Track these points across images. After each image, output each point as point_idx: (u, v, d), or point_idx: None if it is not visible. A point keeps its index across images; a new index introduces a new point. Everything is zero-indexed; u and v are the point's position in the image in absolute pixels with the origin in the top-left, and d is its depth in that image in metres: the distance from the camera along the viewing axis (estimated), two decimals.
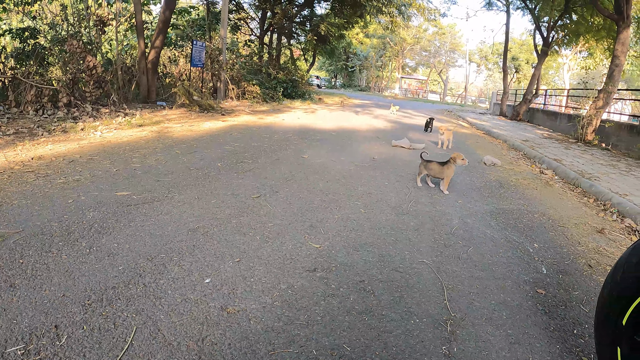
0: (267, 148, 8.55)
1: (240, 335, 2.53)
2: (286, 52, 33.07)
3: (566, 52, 39.77)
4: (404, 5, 28.34)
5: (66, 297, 2.70)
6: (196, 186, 5.48)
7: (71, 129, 8.53)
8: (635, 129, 13.21)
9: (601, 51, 25.25)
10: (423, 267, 3.77)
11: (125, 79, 14.45)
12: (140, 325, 2.52)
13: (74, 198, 4.59)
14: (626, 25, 14.43)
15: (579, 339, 2.94)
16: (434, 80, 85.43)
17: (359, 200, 5.61)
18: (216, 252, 3.59)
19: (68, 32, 12.65)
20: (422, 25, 64.62)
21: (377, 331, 2.71)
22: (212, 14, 25.10)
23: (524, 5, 26.07)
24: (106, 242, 3.59)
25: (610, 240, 5.22)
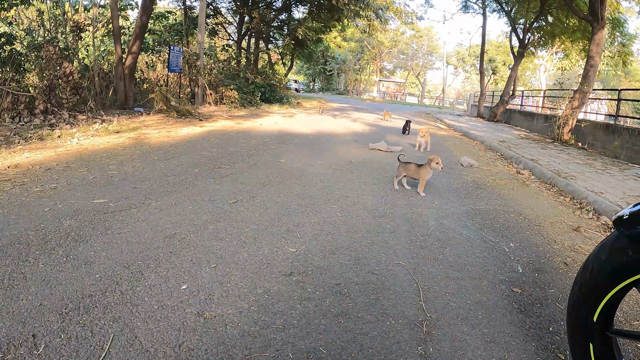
0: (245, 153, 8.57)
1: (217, 340, 2.55)
2: (264, 56, 33.02)
3: (542, 54, 40.18)
4: (382, 9, 28.46)
5: (43, 306, 2.72)
6: (173, 192, 5.49)
7: (48, 136, 8.48)
8: (611, 128, 13.41)
9: (576, 52, 25.58)
10: (399, 269, 3.82)
11: (102, 85, 14.36)
12: (117, 332, 2.53)
13: (51, 206, 4.59)
14: (601, 26, 14.66)
15: (554, 336, 3.00)
16: (411, 83, 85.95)
17: (336, 203, 5.66)
18: (193, 258, 3.61)
19: (44, 38, 12.55)
20: (399, 28, 64.93)
21: (353, 333, 2.75)
22: (190, 18, 25.02)
23: (500, 7, 26.35)
24: (83, 250, 3.60)
25: (586, 238, 5.32)
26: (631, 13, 25.00)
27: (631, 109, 33.74)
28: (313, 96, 46.19)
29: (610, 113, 23.00)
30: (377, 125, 17.54)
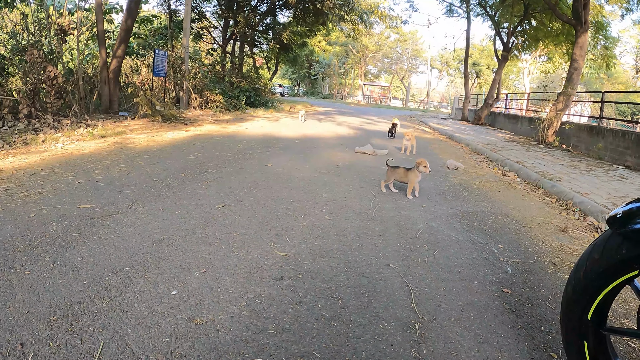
0: (231, 157, 8.54)
1: (209, 346, 2.53)
2: (249, 60, 33.03)
3: (526, 57, 40.49)
4: (366, 13, 28.52)
5: (31, 314, 2.68)
6: (160, 197, 5.45)
7: (32, 140, 8.41)
8: (595, 129, 13.54)
9: (560, 55, 25.83)
10: (389, 272, 3.81)
11: (87, 89, 14.27)
12: (107, 340, 2.50)
13: (36, 212, 4.54)
14: (584, 30, 14.80)
15: (546, 336, 3.01)
16: (396, 87, 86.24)
17: (324, 207, 5.65)
18: (182, 264, 3.58)
19: (28, 41, 12.44)
20: (384, 32, 65.16)
21: (346, 337, 2.74)
22: (175, 22, 24.92)
23: (484, 12, 26.52)
24: (70, 256, 3.56)
25: (573, 238, 5.35)
26: (614, 17, 25.32)
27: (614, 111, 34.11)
28: (298, 100, 46.24)
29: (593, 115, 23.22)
30: (362, 129, 17.57)
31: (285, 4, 27.97)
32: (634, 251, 1.95)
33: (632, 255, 1.95)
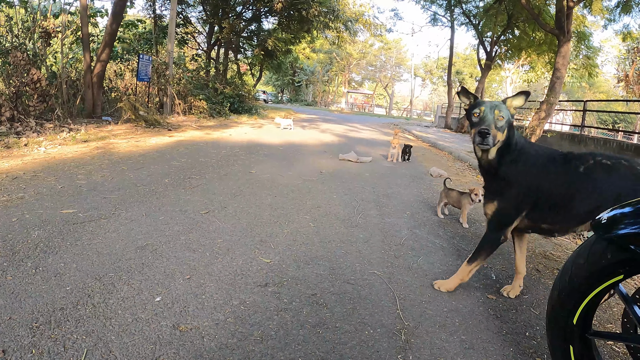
0: (215, 163, 8.52)
1: (194, 353, 2.51)
2: (233, 66, 32.96)
3: (509, 66, 40.81)
4: (351, 21, 28.61)
5: (13, 320, 2.64)
6: (144, 203, 5.42)
7: (14, 144, 8.32)
8: (577, 138, 13.72)
9: (542, 65, 26.09)
10: (374, 278, 3.82)
11: (70, 93, 14.14)
12: (91, 347, 2.47)
13: (18, 216, 4.49)
14: (567, 39, 14.95)
15: (531, 341, 3.04)
16: (379, 95, 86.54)
17: (308, 214, 5.65)
18: (166, 270, 3.56)
19: (12, 43, 12.33)
20: (368, 40, 65.29)
21: (331, 343, 2.74)
22: (160, 27, 24.81)
23: (468, 21, 26.76)
24: (52, 261, 3.52)
25: (556, 244, 5.41)
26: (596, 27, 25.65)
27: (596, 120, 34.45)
28: (282, 107, 46.21)
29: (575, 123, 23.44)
30: (346, 136, 17.61)
31: (270, 11, 27.99)
32: (619, 256, 1.97)
33: (617, 260, 1.98)
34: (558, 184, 3.41)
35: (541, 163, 3.48)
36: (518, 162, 3.46)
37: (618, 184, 3.33)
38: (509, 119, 3.37)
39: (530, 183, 3.43)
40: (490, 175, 3.60)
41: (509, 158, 3.45)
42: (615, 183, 3.34)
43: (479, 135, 3.24)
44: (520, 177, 3.45)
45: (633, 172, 3.34)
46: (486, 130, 3.22)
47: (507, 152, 3.44)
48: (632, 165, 3.38)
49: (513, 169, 3.46)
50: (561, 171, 3.43)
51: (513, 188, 3.46)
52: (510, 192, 3.47)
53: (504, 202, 3.49)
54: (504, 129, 3.32)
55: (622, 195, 3.27)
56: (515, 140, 3.46)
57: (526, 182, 3.44)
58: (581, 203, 3.40)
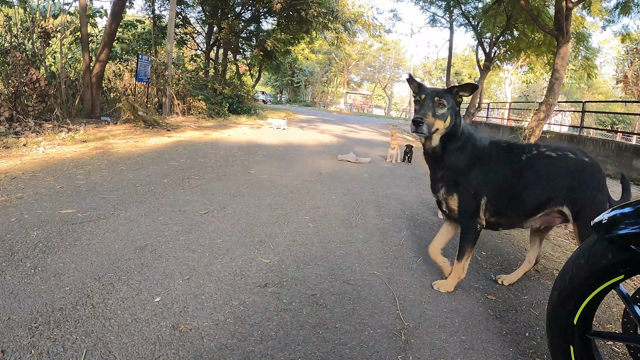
0: (214, 164, 8.51)
1: (194, 354, 2.50)
2: (232, 67, 32.93)
3: (508, 67, 40.76)
4: (350, 22, 28.60)
5: (12, 320, 2.63)
6: (143, 203, 5.41)
7: (13, 144, 8.31)
8: (575, 139, 13.75)
9: (541, 65, 26.05)
10: (374, 279, 3.81)
11: (69, 93, 14.12)
12: (90, 347, 2.46)
13: (17, 216, 4.48)
14: (566, 40, 14.94)
15: (531, 341, 3.03)
16: (378, 95, 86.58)
17: (307, 214, 5.64)
18: (165, 270, 3.55)
19: (11, 43, 12.31)
20: (367, 41, 65.29)
21: (331, 344, 2.73)
22: (159, 28, 24.78)
23: (467, 22, 26.68)
24: (51, 262, 3.51)
25: (555, 245, 5.42)
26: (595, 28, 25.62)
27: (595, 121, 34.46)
28: (280, 108, 46.22)
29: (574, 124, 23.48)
30: (344, 137, 17.62)
31: (269, 12, 27.95)
32: (620, 256, 1.97)
33: (618, 260, 1.98)
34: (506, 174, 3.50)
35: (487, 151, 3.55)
36: (465, 151, 3.49)
37: (568, 176, 3.44)
38: (454, 107, 3.36)
39: (480, 172, 3.49)
40: (435, 163, 3.63)
41: (454, 147, 3.47)
42: (565, 176, 3.45)
43: (413, 123, 3.26)
44: (470, 166, 3.49)
45: (581, 165, 3.47)
46: (419, 118, 3.23)
47: (452, 141, 3.46)
48: (580, 158, 3.50)
49: (461, 158, 3.49)
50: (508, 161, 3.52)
51: (465, 177, 3.50)
52: (465, 181, 3.50)
53: (463, 193, 3.53)
54: (446, 117, 3.32)
55: (572, 188, 3.42)
56: (462, 130, 3.47)
57: (476, 171, 3.49)
58: (530, 195, 3.51)
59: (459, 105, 3.42)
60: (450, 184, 3.56)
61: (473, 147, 3.52)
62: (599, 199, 3.46)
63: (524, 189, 3.50)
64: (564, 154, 3.52)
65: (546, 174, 3.48)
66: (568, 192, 3.48)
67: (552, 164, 3.49)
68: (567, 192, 3.48)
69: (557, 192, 3.49)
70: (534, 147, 3.61)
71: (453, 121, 3.37)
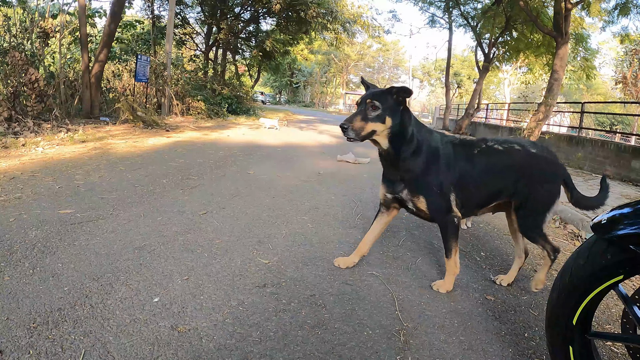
0: (213, 164, 8.51)
1: (193, 354, 2.50)
2: (231, 67, 32.96)
3: (507, 68, 40.89)
4: (349, 22, 28.62)
5: (10, 321, 2.62)
6: (141, 203, 5.41)
7: (12, 144, 8.30)
8: (574, 139, 13.73)
9: (540, 66, 26.09)
10: (373, 279, 3.81)
11: (68, 94, 14.11)
12: (88, 347, 2.46)
13: (16, 217, 4.47)
14: (565, 41, 14.97)
15: (530, 342, 3.03)
16: None
17: (306, 215, 5.64)
18: (164, 270, 3.54)
19: (10, 43, 12.31)
20: (366, 41, 65.38)
21: (330, 344, 2.73)
22: (158, 28, 24.80)
23: (466, 23, 26.77)
24: (50, 262, 3.50)
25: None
26: (594, 29, 25.64)
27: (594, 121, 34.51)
28: (279, 108, 46.24)
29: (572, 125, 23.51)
30: (343, 138, 17.48)
31: (268, 12, 27.98)
32: (619, 256, 1.98)
33: (617, 260, 1.99)
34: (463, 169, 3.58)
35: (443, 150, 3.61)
36: (422, 152, 3.54)
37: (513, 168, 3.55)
38: (393, 107, 3.36)
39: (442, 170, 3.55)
40: (392, 164, 3.65)
41: (408, 148, 3.50)
42: (511, 168, 3.56)
43: (340, 129, 3.34)
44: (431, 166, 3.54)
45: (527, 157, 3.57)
46: (344, 124, 3.31)
47: (403, 142, 3.48)
48: (527, 150, 3.60)
49: (420, 159, 3.53)
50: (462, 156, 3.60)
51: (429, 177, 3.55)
52: (429, 181, 3.55)
53: (430, 193, 3.57)
54: (382, 119, 3.33)
55: (519, 180, 3.53)
56: (414, 130, 3.50)
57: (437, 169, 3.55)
58: (484, 188, 3.63)
59: (401, 105, 3.42)
60: (415, 185, 3.60)
61: (429, 147, 3.57)
62: (545, 190, 3.58)
63: (479, 183, 3.61)
64: (511, 147, 3.63)
65: (496, 167, 3.59)
66: (514, 184, 3.59)
67: (500, 157, 3.61)
68: (513, 183, 3.59)
69: (506, 184, 3.61)
70: (482, 142, 3.70)
71: (396, 121, 3.39)
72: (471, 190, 3.63)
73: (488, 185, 3.64)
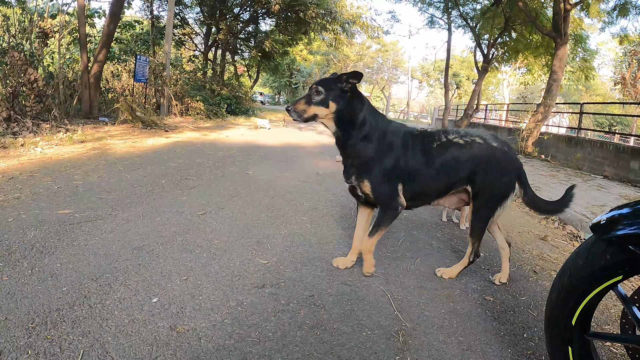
0: (212, 165, 8.50)
1: (191, 354, 2.49)
2: (230, 68, 32.99)
3: (506, 69, 40.87)
4: (348, 23, 28.66)
5: (9, 321, 2.62)
6: (140, 204, 5.40)
7: (11, 144, 8.30)
8: (573, 140, 13.74)
9: (539, 67, 26.11)
10: (372, 280, 3.80)
11: (67, 94, 14.12)
12: (87, 348, 2.45)
13: (14, 217, 4.47)
14: (563, 42, 15.00)
15: (529, 342, 3.03)
16: (376, 97, 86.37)
17: (305, 215, 5.64)
18: (163, 271, 3.54)
19: (9, 43, 12.29)
20: (365, 42, 65.26)
21: (329, 345, 2.72)
22: (157, 28, 24.82)
23: (465, 23, 26.75)
24: (49, 262, 3.50)
25: (554, 246, 5.41)
26: (593, 30, 25.69)
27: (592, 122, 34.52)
28: (278, 109, 46.16)
29: (571, 126, 23.53)
30: None
31: (267, 13, 28.01)
32: (618, 257, 1.98)
33: (616, 261, 1.99)
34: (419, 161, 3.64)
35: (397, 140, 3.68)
36: (373, 138, 3.63)
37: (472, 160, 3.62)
38: (339, 93, 3.50)
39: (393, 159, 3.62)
40: (344, 150, 3.79)
41: (358, 133, 3.63)
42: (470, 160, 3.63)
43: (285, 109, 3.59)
44: (382, 154, 3.61)
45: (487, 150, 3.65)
46: (287, 107, 3.59)
47: (353, 127, 3.63)
48: (488, 143, 3.68)
49: (370, 145, 3.62)
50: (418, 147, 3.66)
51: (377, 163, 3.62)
52: (377, 168, 3.62)
53: (376, 179, 3.64)
54: (326, 103, 3.49)
55: (474, 171, 3.62)
56: (364, 117, 3.61)
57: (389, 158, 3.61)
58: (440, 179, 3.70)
59: (348, 92, 3.53)
60: (362, 170, 3.68)
61: (384, 135, 3.65)
62: (502, 181, 3.67)
63: (435, 174, 3.67)
64: (472, 140, 3.69)
65: (454, 160, 3.65)
66: (471, 175, 3.66)
67: (459, 150, 3.66)
68: (470, 174, 3.66)
69: (462, 176, 3.68)
70: (443, 135, 3.75)
71: (341, 107, 3.53)
72: (426, 181, 3.70)
73: (444, 177, 3.70)
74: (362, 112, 3.58)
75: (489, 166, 3.62)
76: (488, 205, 3.71)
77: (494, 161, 3.63)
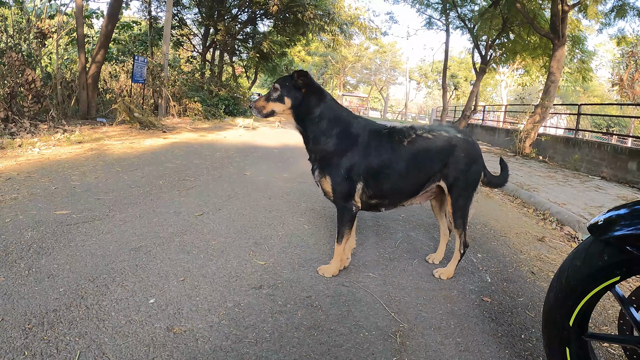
0: (209, 165, 8.50)
1: (188, 355, 2.49)
2: (228, 69, 32.94)
3: (503, 70, 40.88)
4: (346, 24, 28.63)
5: (5, 322, 2.61)
6: (138, 204, 5.39)
7: (8, 145, 8.28)
8: (571, 141, 13.77)
9: (537, 68, 26.14)
10: (369, 281, 3.81)
11: (65, 94, 14.08)
12: (84, 349, 2.45)
13: (12, 217, 4.46)
14: (561, 43, 15.03)
15: (526, 343, 3.03)
16: (374, 98, 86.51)
17: (303, 216, 5.63)
18: (160, 272, 3.54)
19: (7, 43, 12.27)
20: (363, 43, 65.24)
21: (327, 346, 2.72)
22: (155, 29, 24.78)
23: (463, 25, 26.79)
24: (46, 263, 3.49)
25: (551, 247, 5.41)
26: (591, 31, 25.75)
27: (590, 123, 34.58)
28: None
29: (569, 127, 23.55)
30: None
31: (265, 14, 27.96)
32: (616, 257, 1.98)
33: (614, 262, 1.99)
34: (387, 159, 3.64)
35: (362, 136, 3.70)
36: (332, 135, 3.67)
37: (442, 154, 3.68)
38: (294, 90, 3.63)
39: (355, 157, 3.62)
40: (305, 144, 3.88)
41: (316, 129, 3.71)
42: (440, 154, 3.69)
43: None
44: (342, 150, 3.64)
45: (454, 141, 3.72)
46: (249, 104, 3.81)
47: (311, 122, 3.72)
48: (453, 135, 3.75)
49: (329, 141, 3.67)
50: (385, 145, 3.67)
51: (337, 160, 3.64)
52: (336, 165, 3.63)
53: (335, 177, 3.65)
54: (282, 100, 3.64)
55: (446, 164, 3.68)
56: (321, 112, 3.69)
57: (350, 155, 3.63)
58: (412, 178, 3.72)
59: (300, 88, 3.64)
60: (322, 166, 3.71)
61: (345, 132, 3.68)
62: (472, 169, 3.76)
63: (406, 173, 3.68)
64: (439, 134, 3.74)
65: (425, 156, 3.69)
66: (443, 168, 3.72)
67: (429, 145, 3.69)
68: (442, 168, 3.72)
69: (435, 171, 3.73)
70: (412, 131, 3.77)
71: (297, 102, 3.65)
72: (396, 179, 3.70)
73: (416, 175, 3.73)
74: (319, 107, 3.66)
75: (459, 157, 3.68)
76: (464, 194, 3.79)
77: (464, 152, 3.69)
